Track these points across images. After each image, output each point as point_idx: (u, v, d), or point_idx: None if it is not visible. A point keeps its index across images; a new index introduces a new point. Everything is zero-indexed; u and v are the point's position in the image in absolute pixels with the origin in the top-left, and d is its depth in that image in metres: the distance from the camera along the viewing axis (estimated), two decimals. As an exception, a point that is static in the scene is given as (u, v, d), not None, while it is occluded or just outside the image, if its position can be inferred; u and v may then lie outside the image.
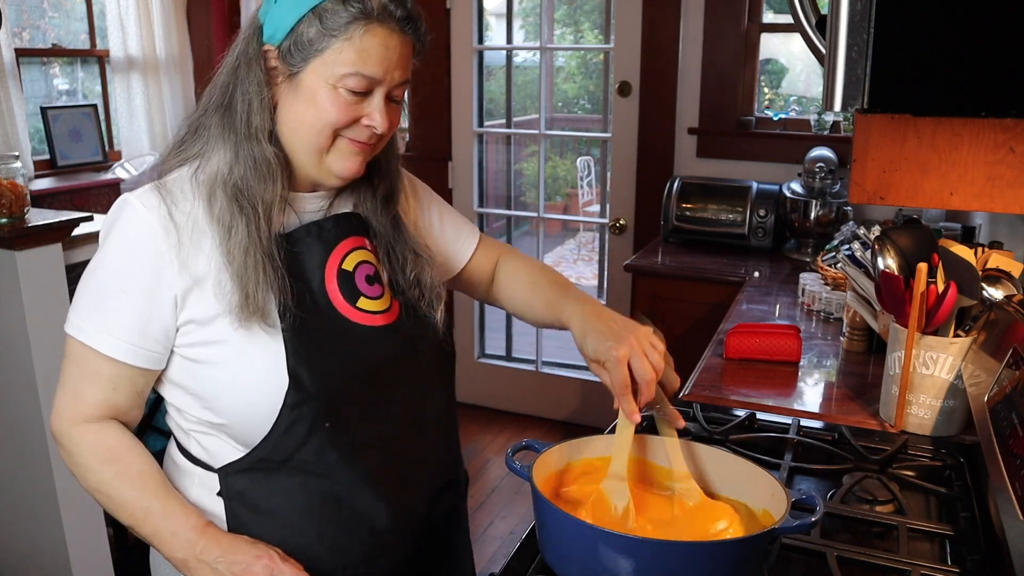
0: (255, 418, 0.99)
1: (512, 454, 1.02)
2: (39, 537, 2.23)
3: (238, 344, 0.98)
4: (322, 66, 0.95)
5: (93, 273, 1.01)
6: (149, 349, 1.00)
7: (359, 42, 0.95)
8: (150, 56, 3.37)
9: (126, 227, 0.99)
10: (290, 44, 0.96)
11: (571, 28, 6.37)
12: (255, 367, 0.98)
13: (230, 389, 0.99)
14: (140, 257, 0.98)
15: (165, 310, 0.99)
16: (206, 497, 1.05)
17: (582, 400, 3.64)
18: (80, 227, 2.19)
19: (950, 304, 1.29)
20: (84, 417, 1.02)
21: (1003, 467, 0.95)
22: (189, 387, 1.02)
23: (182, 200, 1.00)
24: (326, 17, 0.94)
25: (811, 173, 2.75)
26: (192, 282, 0.98)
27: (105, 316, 0.99)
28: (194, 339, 1.00)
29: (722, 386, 1.63)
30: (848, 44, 0.85)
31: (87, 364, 1.00)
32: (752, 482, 1.00)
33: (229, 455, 1.03)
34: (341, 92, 0.96)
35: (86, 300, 1.01)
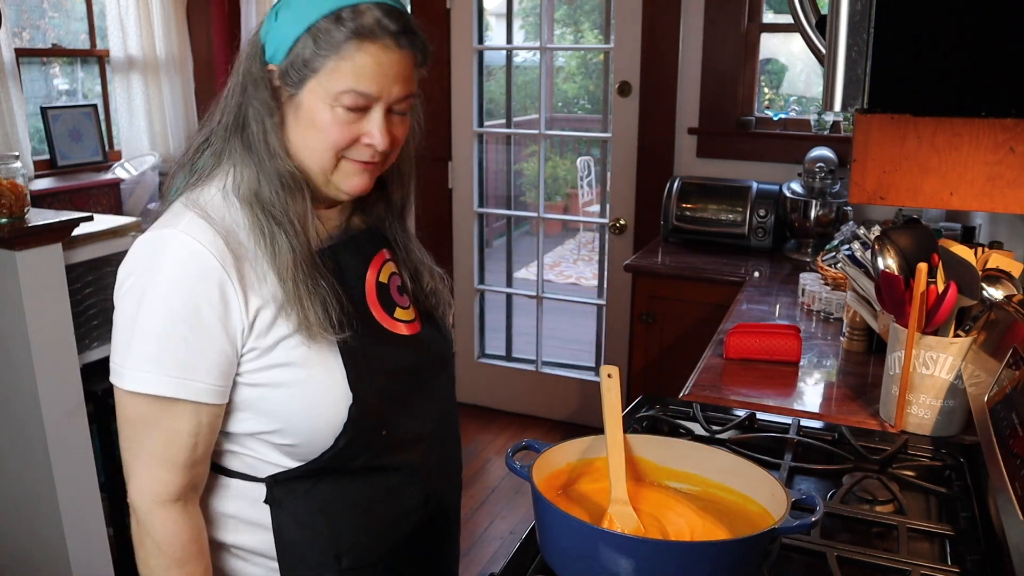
0: (322, 435, 1.00)
1: (512, 454, 1.02)
2: (39, 537, 2.23)
3: (302, 365, 0.98)
4: (318, 85, 0.96)
5: (145, 319, 0.94)
6: (224, 385, 0.98)
7: (353, 60, 0.94)
8: (150, 56, 3.37)
9: (178, 262, 0.94)
10: (288, 64, 0.96)
11: (571, 28, 6.37)
12: (320, 387, 0.99)
13: (299, 408, 0.99)
14: (203, 290, 0.94)
15: (235, 342, 0.96)
16: (241, 506, 1.06)
17: (582, 400, 3.64)
18: (80, 227, 2.18)
19: (950, 304, 1.29)
20: (167, 493, 0.98)
21: (1003, 467, 0.95)
22: (254, 410, 1.00)
23: (231, 222, 0.98)
24: (320, 37, 0.94)
25: (811, 173, 2.75)
26: (257, 308, 0.97)
27: (177, 360, 0.94)
28: (259, 365, 0.98)
29: (722, 386, 1.63)
30: (848, 44, 0.85)
31: (164, 422, 0.96)
32: (752, 482, 1.00)
33: (279, 465, 1.03)
34: (339, 111, 0.96)
35: (154, 356, 0.94)
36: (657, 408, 1.43)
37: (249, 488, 1.05)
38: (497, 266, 4.44)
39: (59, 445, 2.15)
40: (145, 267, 0.95)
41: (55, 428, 2.13)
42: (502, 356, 3.92)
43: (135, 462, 0.99)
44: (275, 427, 1.00)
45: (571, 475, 1.06)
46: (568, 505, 1.01)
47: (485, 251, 3.89)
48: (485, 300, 3.86)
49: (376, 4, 0.96)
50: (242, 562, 1.08)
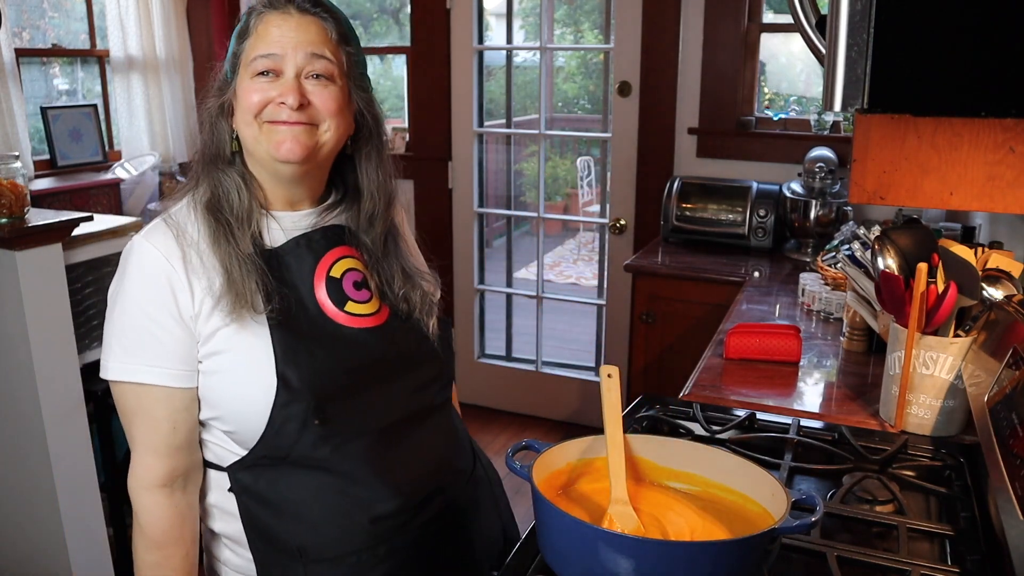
0: (251, 419, 1.05)
1: (512, 454, 1.02)
2: (39, 537, 2.23)
3: (234, 351, 1.06)
4: (243, 69, 1.08)
5: (119, 316, 1.06)
6: (189, 369, 1.07)
7: (258, 30, 1.07)
8: (150, 56, 3.37)
9: (138, 265, 1.06)
10: (229, 67, 1.11)
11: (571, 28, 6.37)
12: (249, 371, 1.05)
13: (229, 394, 1.06)
14: (156, 287, 1.05)
15: (190, 329, 1.06)
16: (219, 495, 1.13)
17: (582, 400, 3.64)
18: (80, 227, 2.19)
19: (950, 304, 1.29)
20: (153, 477, 1.07)
21: (1003, 467, 0.95)
22: (204, 399, 1.09)
23: (188, 226, 1.09)
24: (240, 32, 1.09)
25: (811, 173, 2.75)
26: (201, 299, 1.06)
27: (145, 350, 1.05)
28: (203, 352, 1.07)
29: (722, 386, 1.63)
30: (848, 44, 0.85)
31: (145, 410, 1.06)
32: (752, 482, 1.00)
33: (235, 454, 1.09)
34: (256, 80, 1.06)
35: (121, 343, 1.06)
36: (657, 408, 1.43)
37: (219, 477, 1.12)
38: (497, 266, 4.44)
39: (59, 445, 2.15)
40: (119, 271, 1.09)
41: (55, 428, 2.13)
42: (502, 356, 3.92)
43: (132, 450, 1.09)
44: (216, 414, 1.08)
45: (571, 475, 1.06)
46: (568, 505, 1.01)
47: (485, 251, 3.89)
48: (485, 300, 3.86)
49: None
50: (230, 551, 1.15)
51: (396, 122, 3.96)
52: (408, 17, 3.65)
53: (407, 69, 3.73)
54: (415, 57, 3.61)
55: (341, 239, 1.15)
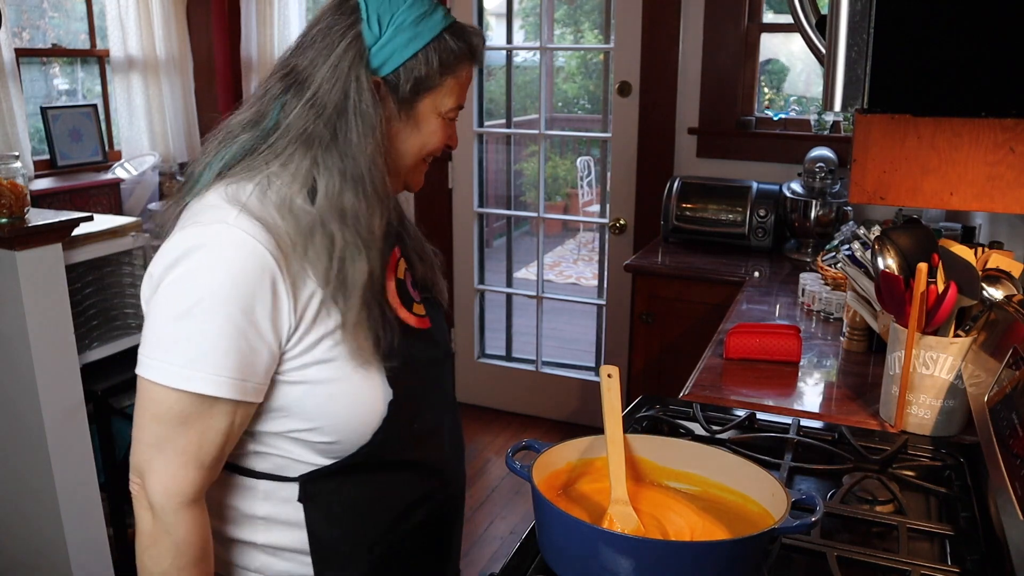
0: (360, 432, 1.00)
1: (512, 454, 1.02)
2: (39, 537, 2.23)
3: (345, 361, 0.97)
4: (434, 99, 1.03)
5: (201, 319, 0.90)
6: (266, 383, 0.95)
7: (459, 78, 1.05)
8: (150, 56, 3.37)
9: (235, 259, 0.91)
10: (400, 77, 1.00)
11: (571, 28, 6.37)
12: (362, 384, 0.98)
13: (340, 408, 0.98)
14: (258, 289, 0.91)
15: (280, 340, 0.94)
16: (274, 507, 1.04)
17: (582, 400, 3.64)
18: (80, 227, 2.19)
19: (950, 304, 1.29)
20: (194, 492, 0.95)
21: (1003, 467, 0.95)
22: (292, 410, 0.98)
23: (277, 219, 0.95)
24: (446, 56, 1.02)
25: (811, 173, 2.75)
26: (304, 305, 0.95)
27: (236, 361, 0.91)
28: (301, 362, 0.96)
29: (722, 386, 1.63)
30: (848, 44, 0.85)
31: (202, 421, 0.92)
32: (752, 482, 1.00)
33: (310, 464, 1.02)
34: (442, 121, 1.05)
35: (203, 353, 0.90)
36: (657, 408, 1.43)
37: (279, 488, 1.03)
38: (497, 266, 4.44)
39: (59, 445, 2.15)
40: (199, 265, 0.91)
41: (55, 428, 2.13)
42: (502, 356, 3.92)
43: (160, 459, 0.93)
44: (313, 425, 0.98)
45: (571, 475, 1.06)
46: (568, 505, 1.01)
47: (485, 251, 3.89)
48: (485, 300, 3.86)
49: (471, 27, 1.07)
50: (271, 557, 1.06)
51: (396, 122, 3.96)
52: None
53: (407, 69, 3.72)
54: (415, 57, 3.60)
55: (395, 238, 1.11)
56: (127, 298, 2.48)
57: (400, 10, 0.99)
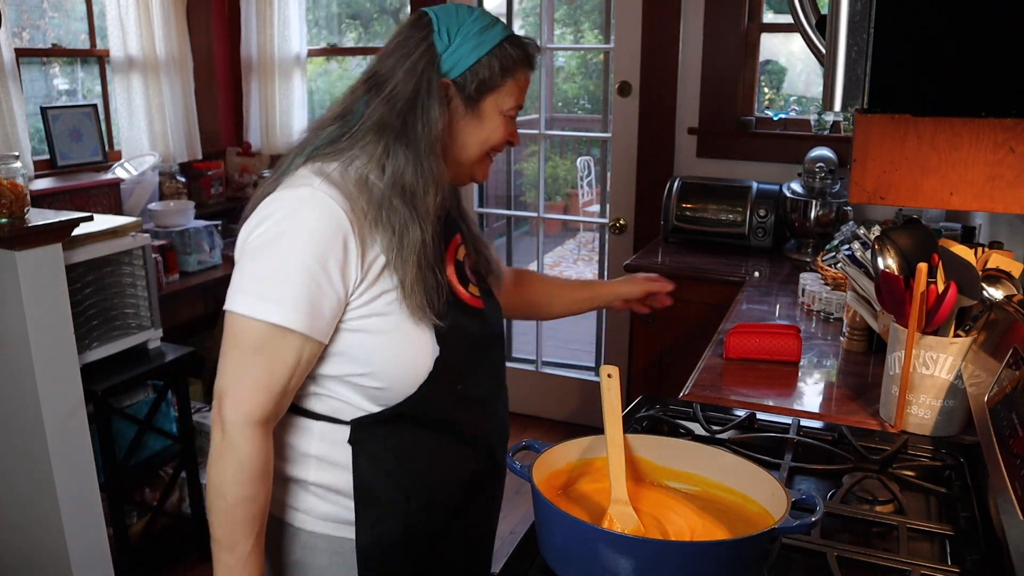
0: (407, 381, 1.13)
1: (512, 454, 1.03)
2: (39, 537, 2.23)
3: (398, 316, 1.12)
4: (497, 99, 1.18)
5: (282, 261, 1.06)
6: (332, 327, 1.10)
7: (518, 81, 1.19)
8: (150, 56, 3.37)
9: (317, 216, 1.07)
10: (467, 79, 1.16)
11: (571, 28, 6.37)
12: (413, 338, 1.12)
13: (391, 356, 1.12)
14: (333, 239, 1.07)
15: (348, 288, 1.09)
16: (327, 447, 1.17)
17: (582, 400, 3.65)
18: (80, 227, 2.18)
19: (950, 304, 1.29)
20: (260, 414, 1.08)
21: (1003, 467, 0.95)
22: (349, 355, 1.12)
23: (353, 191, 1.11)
24: (506, 62, 1.17)
25: (811, 173, 2.75)
26: (370, 263, 1.10)
27: (307, 300, 1.06)
28: (362, 312, 1.11)
29: (722, 386, 1.63)
30: (848, 44, 0.85)
31: (277, 351, 1.07)
32: (752, 482, 1.00)
33: (362, 409, 1.15)
34: (505, 119, 1.20)
35: (281, 289, 1.06)
36: (657, 408, 1.43)
37: (332, 430, 1.16)
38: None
39: (59, 445, 2.15)
40: (285, 216, 1.08)
41: (55, 428, 2.14)
42: (502, 356, 3.92)
43: (236, 384, 1.08)
44: (367, 371, 1.12)
45: (571, 475, 1.06)
46: (568, 505, 1.01)
47: (485, 251, 3.88)
48: (485, 300, 3.85)
49: (527, 37, 1.22)
50: (318, 499, 1.19)
51: (396, 122, 3.96)
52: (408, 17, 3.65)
53: (407, 69, 3.72)
54: (415, 57, 3.61)
55: (456, 227, 1.28)
56: (127, 298, 2.48)
57: (466, 23, 1.17)
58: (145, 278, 2.50)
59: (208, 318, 3.44)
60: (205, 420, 2.85)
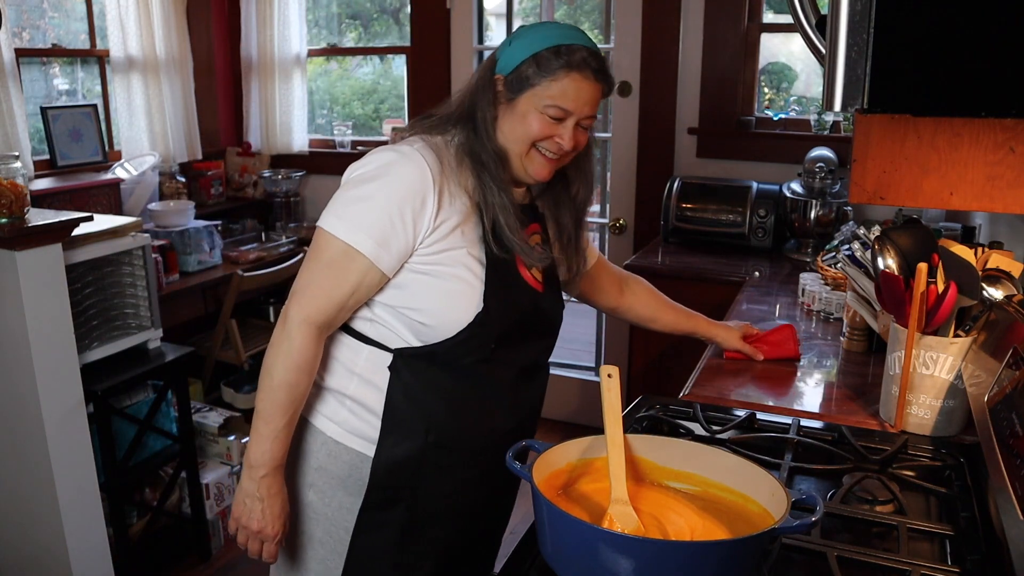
0: (450, 324, 1.27)
1: (512, 454, 1.02)
2: (39, 537, 2.23)
3: (456, 267, 1.27)
4: (533, 96, 1.28)
5: (370, 197, 1.24)
6: (397, 264, 1.27)
7: (562, 83, 1.27)
8: (150, 56, 3.37)
9: (408, 168, 1.25)
10: (513, 77, 1.29)
11: (571, 28, 6.36)
12: (464, 288, 1.27)
13: (441, 297, 1.27)
14: (414, 192, 1.24)
15: (418, 236, 1.25)
16: (370, 367, 1.32)
17: (582, 400, 3.64)
18: (80, 227, 2.18)
19: (950, 304, 1.29)
20: (317, 318, 1.26)
21: (1003, 467, 0.95)
22: (408, 289, 1.28)
23: (444, 155, 1.30)
24: (542, 62, 1.27)
25: (811, 173, 2.75)
26: (443, 220, 1.26)
27: (380, 233, 1.23)
28: (427, 260, 1.27)
29: (722, 386, 1.63)
30: (848, 44, 0.85)
31: (345, 268, 1.25)
32: (752, 482, 1.00)
33: (406, 342, 1.30)
34: (544, 117, 1.29)
35: (363, 218, 1.24)
36: (657, 408, 1.43)
37: (377, 354, 1.32)
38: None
39: (59, 445, 2.15)
40: (383, 162, 1.27)
41: (55, 428, 2.13)
42: (502, 356, 3.91)
43: (306, 288, 1.26)
44: (417, 306, 1.28)
45: (571, 475, 1.06)
46: (568, 505, 1.01)
47: (485, 251, 3.88)
48: (485, 300, 3.85)
49: (585, 46, 1.28)
50: (350, 413, 1.34)
51: (396, 122, 3.96)
52: (408, 17, 3.65)
53: (407, 69, 3.73)
54: (415, 57, 3.61)
55: (536, 218, 1.42)
56: (127, 298, 2.48)
57: (530, 31, 1.31)
58: (145, 278, 2.50)
59: (208, 318, 3.44)
60: (205, 420, 2.85)
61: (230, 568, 2.71)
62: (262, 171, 3.80)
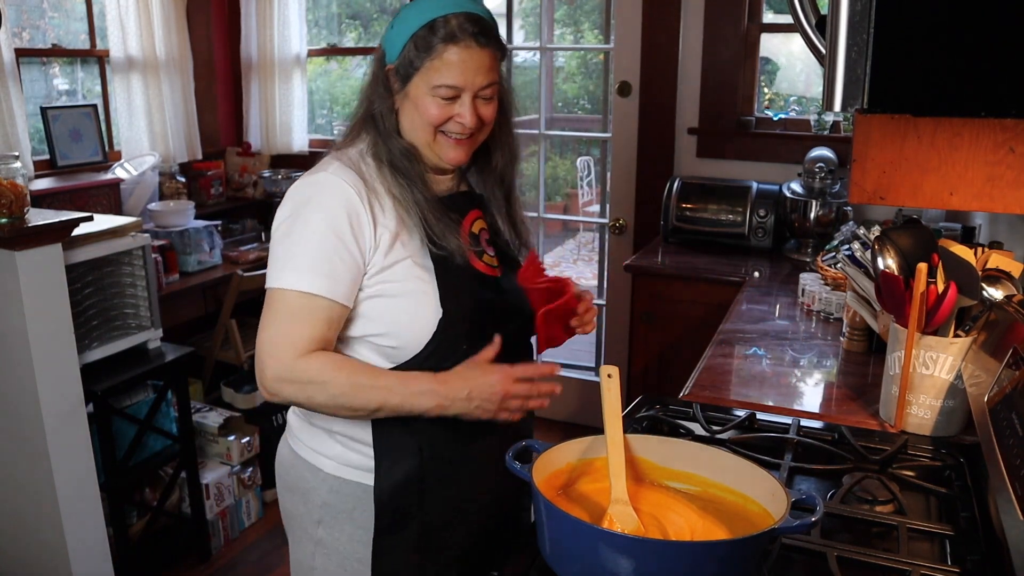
0: (416, 339, 1.23)
1: (512, 454, 1.02)
2: (39, 537, 2.23)
3: (406, 281, 1.23)
4: (421, 80, 1.23)
5: (304, 235, 1.21)
6: (354, 292, 1.23)
7: (444, 59, 1.21)
8: (150, 56, 3.37)
9: (331, 194, 1.22)
10: (400, 64, 1.24)
11: (571, 28, 6.37)
12: (418, 299, 1.23)
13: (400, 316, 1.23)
14: (346, 216, 1.21)
15: (365, 258, 1.22)
16: None
17: (582, 400, 3.65)
18: (80, 227, 2.18)
19: (950, 304, 1.29)
20: (302, 352, 1.20)
21: (1003, 467, 0.95)
22: (368, 316, 1.25)
23: (364, 169, 1.26)
24: (420, 43, 1.21)
25: (811, 173, 2.75)
26: (381, 234, 1.23)
27: (328, 268, 1.19)
28: (377, 279, 1.23)
29: (722, 386, 1.63)
30: (848, 44, 0.85)
31: (309, 312, 1.20)
32: (752, 482, 1.00)
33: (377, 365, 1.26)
34: (436, 99, 1.23)
35: (305, 261, 1.20)
36: (657, 408, 1.43)
37: None
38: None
39: (59, 445, 2.15)
40: (302, 200, 1.24)
41: (55, 428, 2.13)
42: (502, 356, 3.91)
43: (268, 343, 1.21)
44: (382, 330, 1.24)
45: (571, 475, 1.06)
46: (568, 505, 1.01)
47: (485, 251, 3.88)
48: (485, 300, 3.85)
49: (462, 13, 1.21)
50: (343, 447, 1.30)
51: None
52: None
53: (407, 69, 3.72)
54: (415, 57, 3.61)
55: (475, 203, 1.37)
56: (127, 298, 2.48)
57: (405, 11, 1.24)
58: (145, 278, 2.50)
59: (208, 318, 3.44)
60: (205, 420, 2.85)
61: (230, 568, 2.71)
62: (262, 171, 3.80)
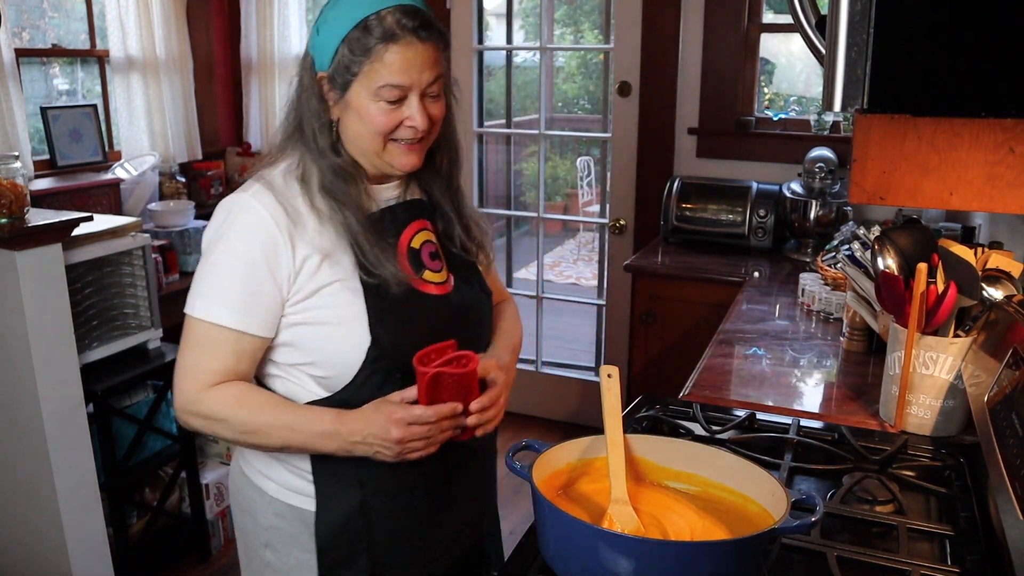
0: (346, 369, 1.16)
1: (512, 454, 1.03)
2: (39, 537, 2.23)
3: (334, 308, 1.16)
4: (360, 86, 1.13)
5: (217, 262, 1.15)
6: (272, 321, 1.16)
7: (385, 61, 1.11)
8: (150, 56, 3.37)
9: (245, 220, 1.15)
10: (333, 71, 1.14)
11: (571, 28, 6.37)
12: (345, 327, 1.15)
13: (327, 345, 1.16)
14: (262, 245, 1.13)
15: (283, 285, 1.15)
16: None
17: (582, 400, 3.65)
18: (80, 227, 2.18)
19: (950, 304, 1.29)
20: (205, 384, 1.15)
21: (1003, 467, 0.95)
22: (295, 345, 1.18)
23: (288, 192, 1.17)
24: (355, 45, 1.11)
25: (811, 173, 2.75)
26: (303, 259, 1.15)
27: (239, 299, 1.13)
28: (301, 307, 1.16)
29: (722, 386, 1.63)
30: (848, 44, 0.85)
31: (214, 342, 1.15)
32: (752, 482, 1.00)
33: (314, 394, 1.20)
34: (381, 104, 1.13)
35: (217, 289, 1.14)
36: (657, 408, 1.43)
37: None
38: (497, 266, 4.44)
39: (59, 445, 2.15)
40: (220, 222, 1.17)
41: (55, 428, 2.13)
42: (502, 356, 3.91)
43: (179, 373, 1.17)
44: (310, 360, 1.18)
45: (571, 475, 1.06)
46: (568, 505, 1.01)
47: (485, 251, 3.88)
48: (485, 300, 3.85)
49: (395, 7, 1.11)
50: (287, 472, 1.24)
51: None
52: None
53: (407, 69, 3.72)
54: (415, 57, 3.61)
55: (421, 212, 1.27)
56: (127, 298, 2.48)
57: (327, 10, 1.14)
58: (145, 278, 2.50)
59: (208, 318, 3.44)
60: (205, 420, 2.85)
61: (230, 568, 2.71)
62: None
